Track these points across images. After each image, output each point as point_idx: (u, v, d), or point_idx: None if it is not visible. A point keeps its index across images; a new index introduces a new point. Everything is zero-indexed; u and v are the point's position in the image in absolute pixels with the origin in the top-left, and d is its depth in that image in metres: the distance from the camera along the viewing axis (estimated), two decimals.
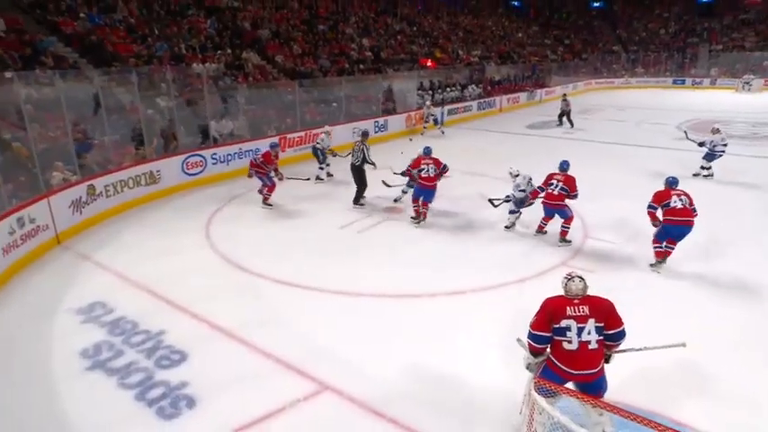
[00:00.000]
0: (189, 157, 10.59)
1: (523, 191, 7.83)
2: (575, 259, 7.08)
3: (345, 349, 4.97)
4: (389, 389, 4.37)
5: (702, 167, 11.37)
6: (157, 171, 9.86)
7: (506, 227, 8.19)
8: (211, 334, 5.22)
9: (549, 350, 3.53)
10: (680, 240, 6.47)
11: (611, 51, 39.39)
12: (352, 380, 4.47)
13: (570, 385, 3.46)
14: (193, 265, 6.92)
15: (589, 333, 3.39)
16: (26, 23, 12.34)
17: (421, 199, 8.28)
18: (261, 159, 9.28)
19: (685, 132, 12.16)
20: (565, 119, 19.02)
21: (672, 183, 6.63)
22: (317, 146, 11.56)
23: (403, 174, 9.01)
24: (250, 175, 9.44)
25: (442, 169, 8.33)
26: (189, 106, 12.15)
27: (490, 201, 8.43)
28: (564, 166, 7.58)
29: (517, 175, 7.93)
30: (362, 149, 9.37)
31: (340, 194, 10.23)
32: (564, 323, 3.43)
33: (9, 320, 5.62)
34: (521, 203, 8.03)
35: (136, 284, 6.32)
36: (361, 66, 20.08)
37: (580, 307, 3.45)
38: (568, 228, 7.47)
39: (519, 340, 3.86)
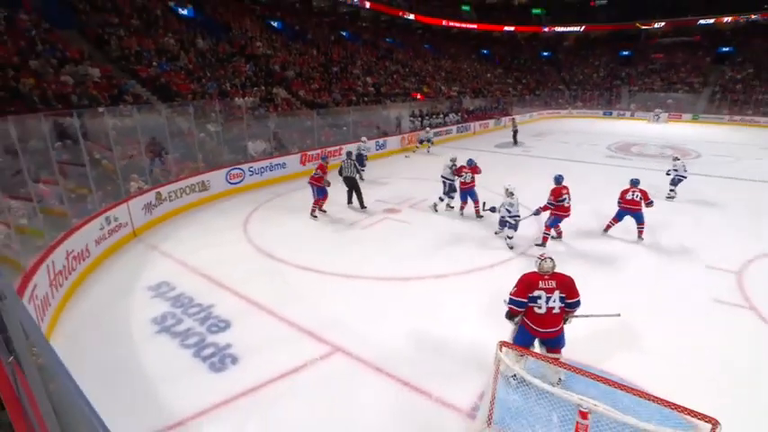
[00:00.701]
0: (231, 169, 10.58)
1: (509, 211, 6.84)
2: (532, 249, 7.14)
3: (352, 321, 5.04)
4: (387, 351, 4.45)
5: (671, 191, 10.36)
6: (207, 181, 9.85)
7: (508, 238, 7.15)
8: (249, 308, 5.28)
9: (522, 315, 3.75)
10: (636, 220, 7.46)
11: (557, 89, 39.32)
12: (358, 344, 4.54)
13: (537, 344, 3.73)
14: (234, 255, 6.95)
15: (554, 301, 3.61)
16: (114, 71, 12.55)
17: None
18: (319, 172, 8.66)
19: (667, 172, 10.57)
20: (514, 138, 19.36)
21: (634, 182, 7.59)
22: (362, 153, 12.01)
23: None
24: (326, 186, 8.77)
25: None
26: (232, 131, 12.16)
27: (483, 204, 7.84)
28: (560, 180, 7.27)
29: (512, 194, 6.81)
30: (353, 164, 9.39)
31: (345, 197, 10.15)
32: (536, 293, 3.64)
33: (100, 295, 5.70)
34: (503, 224, 7.13)
35: (192, 269, 6.37)
36: (366, 98, 20.05)
37: (549, 281, 3.65)
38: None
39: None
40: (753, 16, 35.08)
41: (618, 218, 7.68)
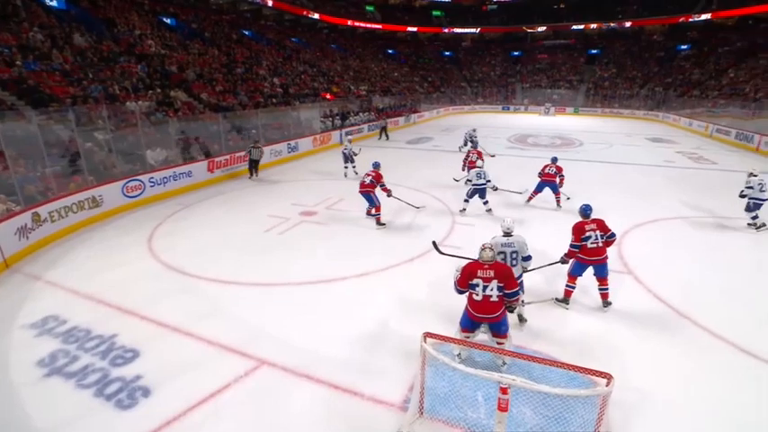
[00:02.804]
0: (128, 181, 9.49)
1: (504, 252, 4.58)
2: (449, 238, 7.47)
3: (276, 330, 4.83)
4: (314, 356, 4.34)
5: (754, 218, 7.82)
6: (99, 196, 8.73)
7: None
8: (160, 331, 4.79)
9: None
10: (552, 190, 9.04)
11: (460, 86, 41.81)
12: (284, 353, 4.37)
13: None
14: (139, 275, 6.25)
15: (491, 290, 3.76)
16: None
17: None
18: (372, 178, 8.00)
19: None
20: (383, 133, 20.27)
21: (553, 160, 9.10)
22: (344, 152, 12.08)
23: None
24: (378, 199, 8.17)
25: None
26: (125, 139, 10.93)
27: (435, 245, 5.63)
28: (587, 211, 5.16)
29: (510, 234, 4.63)
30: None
31: (259, 203, 9.81)
32: (474, 281, 3.80)
33: None
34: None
35: (87, 297, 5.59)
36: (274, 99, 19.36)
37: (488, 271, 3.80)
38: None
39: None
40: (612, 24, 40.75)
41: (538, 190, 9.14)
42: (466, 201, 8.85)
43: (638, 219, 8.50)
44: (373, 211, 8.27)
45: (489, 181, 8.54)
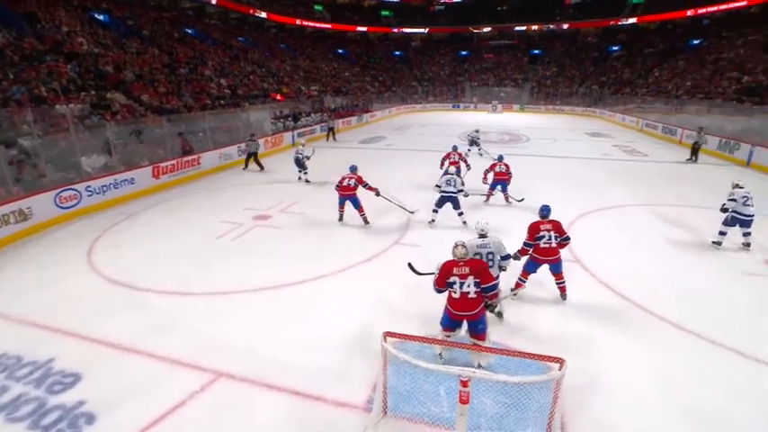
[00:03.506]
0: (62, 191, 8.74)
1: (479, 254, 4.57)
2: (405, 236, 7.53)
3: (233, 340, 4.63)
4: (274, 364, 4.21)
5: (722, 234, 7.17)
6: (28, 208, 7.98)
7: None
8: (104, 352, 4.44)
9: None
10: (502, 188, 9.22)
11: (411, 86, 42.37)
12: (242, 363, 4.21)
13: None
14: (78, 292, 5.75)
15: (468, 286, 3.76)
16: None
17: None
18: (355, 181, 7.87)
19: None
20: (330, 134, 20.16)
21: (500, 158, 9.21)
22: (299, 156, 11.60)
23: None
24: (342, 207, 8.17)
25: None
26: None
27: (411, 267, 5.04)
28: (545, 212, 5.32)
29: (484, 236, 4.66)
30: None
31: (210, 209, 9.39)
32: (451, 279, 3.80)
33: None
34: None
35: (16, 320, 5.08)
36: (222, 101, 18.64)
37: (463, 267, 3.80)
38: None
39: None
40: (551, 26, 43.02)
41: (492, 187, 9.31)
42: (435, 211, 7.97)
43: (583, 209, 9.00)
44: (358, 212, 8.07)
45: (462, 190, 7.77)
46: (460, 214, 7.85)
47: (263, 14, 33.95)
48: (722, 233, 6.88)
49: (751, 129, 15.11)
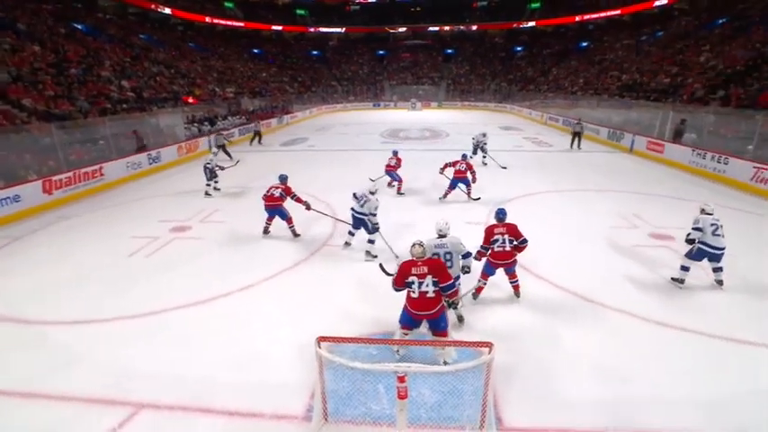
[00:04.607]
0: None
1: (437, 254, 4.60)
2: (333, 239, 7.44)
3: (154, 365, 4.23)
4: (204, 386, 3.92)
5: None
6: None
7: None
8: None
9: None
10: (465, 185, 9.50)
11: (331, 85, 42.08)
12: (167, 390, 3.85)
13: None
14: None
15: (427, 286, 3.76)
16: None
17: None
18: (282, 191, 7.28)
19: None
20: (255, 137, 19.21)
21: (464, 156, 9.53)
22: (207, 166, 10.27)
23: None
24: (270, 219, 7.50)
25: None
26: None
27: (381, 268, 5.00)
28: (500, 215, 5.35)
29: (444, 236, 4.67)
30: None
31: (119, 224, 8.50)
32: (410, 279, 3.78)
33: None
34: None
35: None
36: (125, 105, 16.92)
37: (421, 267, 3.79)
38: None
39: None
40: (461, 27, 45.44)
41: (452, 186, 9.48)
42: (350, 233, 6.87)
43: (505, 197, 9.62)
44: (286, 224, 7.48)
45: (374, 215, 6.48)
46: (370, 242, 6.59)
47: (167, 10, 31.48)
48: (685, 268, 5.58)
49: (631, 120, 17.31)
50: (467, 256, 4.58)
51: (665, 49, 24.78)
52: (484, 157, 13.66)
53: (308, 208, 7.44)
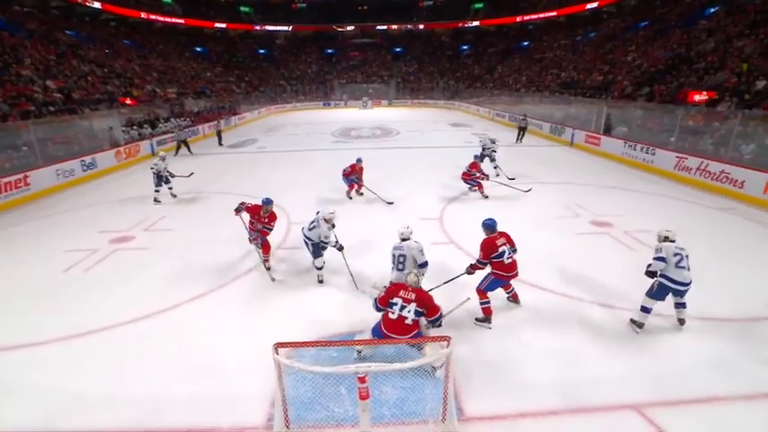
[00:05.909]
0: None
1: (393, 255, 4.84)
2: (286, 241, 7.25)
3: (100, 387, 3.93)
4: (156, 403, 3.70)
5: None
6: None
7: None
8: None
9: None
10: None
11: (279, 85, 41.10)
12: (116, 412, 3.60)
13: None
14: None
15: (408, 312, 3.80)
16: None
17: None
18: (266, 220, 6.04)
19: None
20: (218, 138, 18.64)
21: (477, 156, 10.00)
22: (153, 169, 9.64)
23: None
24: (252, 239, 6.19)
25: None
26: None
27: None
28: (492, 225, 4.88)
29: (406, 240, 4.81)
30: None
31: (52, 238, 7.79)
32: (394, 300, 3.83)
33: None
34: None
35: None
36: (51, 107, 15.56)
37: (410, 293, 3.86)
38: None
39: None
40: (409, 26, 46.02)
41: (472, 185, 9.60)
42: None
43: (456, 192, 9.85)
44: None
45: (336, 243, 5.64)
46: (318, 268, 5.80)
47: (97, 4, 29.29)
48: (646, 309, 4.59)
49: (571, 115, 18.37)
50: (423, 265, 4.69)
51: (598, 49, 26.54)
52: (495, 167, 11.39)
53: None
